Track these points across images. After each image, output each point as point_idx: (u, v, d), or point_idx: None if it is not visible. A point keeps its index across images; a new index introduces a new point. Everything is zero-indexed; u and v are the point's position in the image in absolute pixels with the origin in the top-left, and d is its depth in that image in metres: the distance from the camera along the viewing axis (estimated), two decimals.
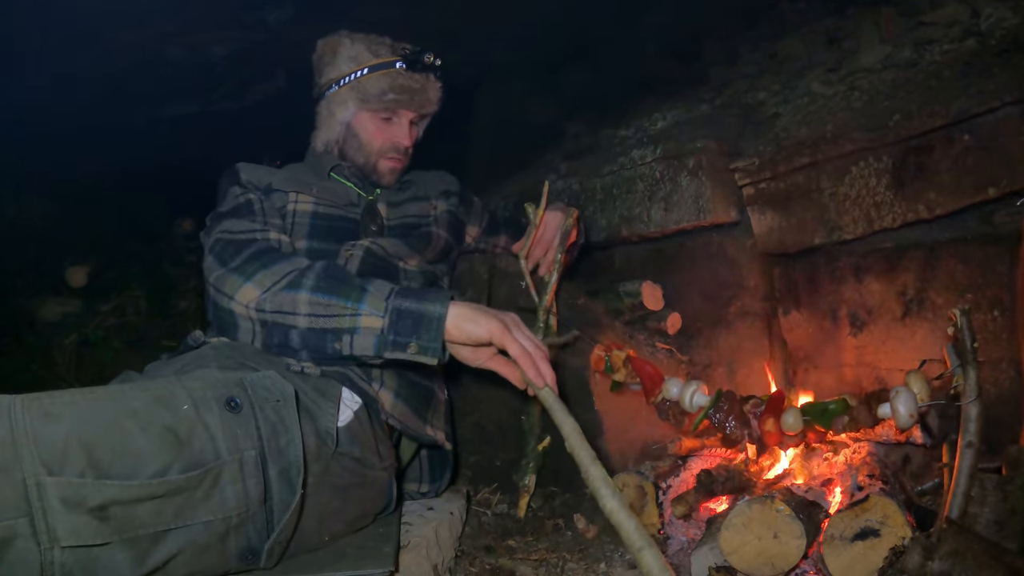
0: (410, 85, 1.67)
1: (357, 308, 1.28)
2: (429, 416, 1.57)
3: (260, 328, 1.37)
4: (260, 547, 1.11)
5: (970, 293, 1.56)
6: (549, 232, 1.80)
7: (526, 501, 1.71)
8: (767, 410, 1.47)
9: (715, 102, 2.31)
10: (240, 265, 1.39)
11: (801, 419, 1.43)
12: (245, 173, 1.63)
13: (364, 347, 1.28)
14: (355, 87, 1.67)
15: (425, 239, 1.74)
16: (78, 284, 3.02)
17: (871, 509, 1.22)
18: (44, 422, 0.93)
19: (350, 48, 1.68)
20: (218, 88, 3.18)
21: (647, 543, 0.97)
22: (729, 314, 2.01)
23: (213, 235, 1.48)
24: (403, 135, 1.71)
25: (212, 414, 1.06)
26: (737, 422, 1.49)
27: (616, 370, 1.67)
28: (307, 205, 1.64)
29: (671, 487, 1.61)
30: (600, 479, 1.05)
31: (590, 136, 2.65)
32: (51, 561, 0.91)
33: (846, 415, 1.39)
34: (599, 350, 1.71)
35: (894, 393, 1.29)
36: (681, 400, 1.55)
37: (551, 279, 1.74)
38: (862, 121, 1.65)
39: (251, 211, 1.55)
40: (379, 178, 1.74)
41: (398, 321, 1.26)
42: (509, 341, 1.24)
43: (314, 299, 1.30)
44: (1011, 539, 1.16)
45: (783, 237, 1.83)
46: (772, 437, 1.47)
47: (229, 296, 1.37)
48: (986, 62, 1.54)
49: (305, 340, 1.32)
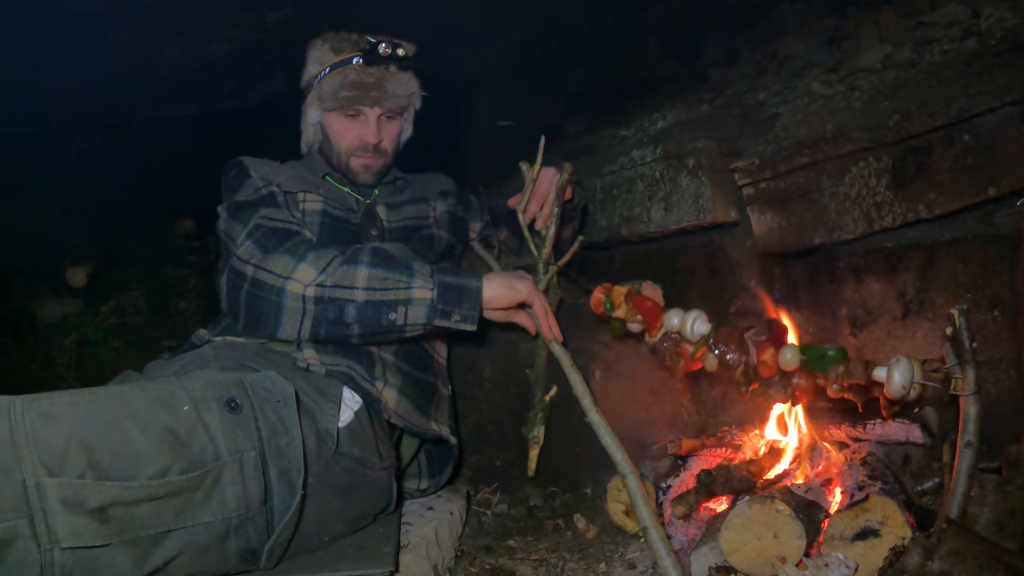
0: (363, 80, 1.64)
1: (410, 281, 1.40)
2: (432, 411, 1.57)
3: (313, 306, 1.38)
4: (260, 548, 1.11)
5: (970, 293, 1.56)
6: (543, 187, 1.79)
7: (536, 453, 1.68)
8: (768, 340, 1.45)
9: (715, 102, 2.30)
10: (291, 248, 1.42)
11: (799, 357, 1.41)
12: (254, 169, 1.62)
13: (416, 316, 1.40)
14: (317, 88, 1.67)
15: (427, 241, 1.74)
16: (78, 284, 3.02)
17: (871, 509, 1.22)
18: (44, 423, 0.93)
19: (318, 49, 1.69)
20: (217, 88, 3.18)
21: (629, 471, 1.31)
22: (729, 314, 2.01)
23: (251, 221, 1.48)
24: (370, 132, 1.68)
25: (212, 415, 1.06)
26: (736, 349, 1.47)
27: (617, 307, 1.65)
28: (316, 204, 1.64)
29: (671, 487, 1.61)
30: (598, 423, 1.37)
31: (590, 136, 2.65)
32: (51, 562, 0.91)
33: (842, 365, 1.37)
34: (599, 292, 1.69)
35: (893, 360, 1.29)
36: (683, 328, 1.52)
37: (548, 232, 1.74)
38: (862, 121, 1.64)
39: (276, 203, 1.55)
40: (355, 177, 1.73)
41: (444, 293, 1.41)
42: (537, 298, 1.54)
43: (372, 273, 1.40)
44: (1011, 539, 1.16)
45: (783, 237, 1.83)
46: (768, 369, 1.44)
47: (283, 276, 1.38)
48: (986, 62, 1.54)
49: (361, 313, 1.38)
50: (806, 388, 1.44)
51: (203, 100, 3.24)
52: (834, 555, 1.21)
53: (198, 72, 2.94)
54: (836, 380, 1.38)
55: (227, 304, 1.49)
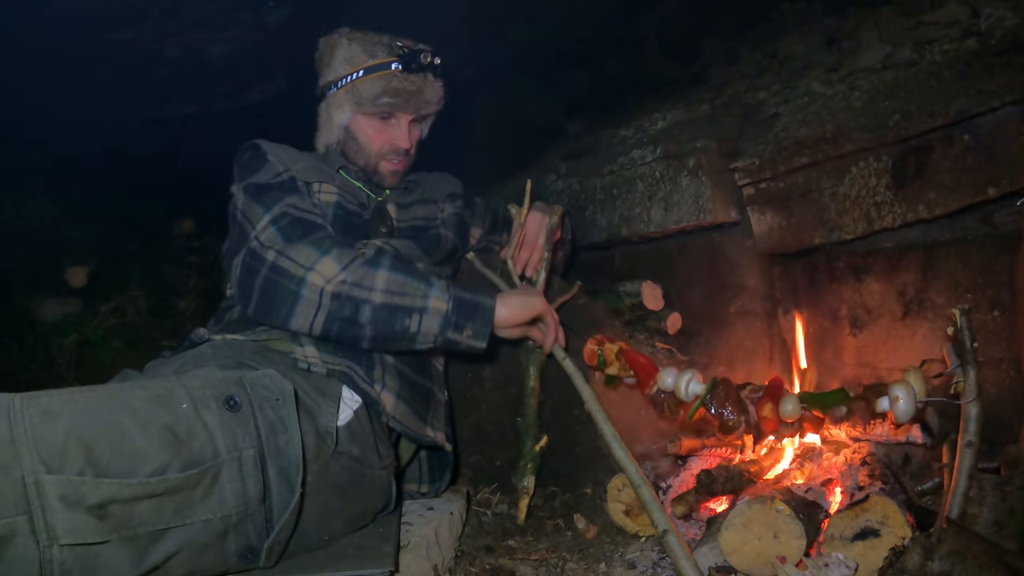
0: (405, 87, 1.64)
1: (428, 291, 1.41)
2: (429, 417, 1.56)
3: (329, 302, 1.37)
4: (260, 546, 1.11)
5: (970, 293, 1.56)
6: (532, 234, 1.81)
7: (526, 503, 1.69)
8: (765, 396, 1.45)
9: (715, 102, 2.30)
10: (316, 240, 1.42)
11: (799, 407, 1.41)
12: (272, 153, 1.60)
13: (430, 326, 1.41)
14: (351, 90, 1.65)
15: (434, 241, 1.74)
16: (78, 284, 3.02)
17: (871, 509, 1.22)
18: (43, 420, 0.93)
19: (347, 49, 1.66)
20: (217, 88, 3.17)
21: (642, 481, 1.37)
22: (729, 314, 2.01)
23: (276, 208, 1.46)
24: (402, 137, 1.69)
25: (211, 413, 1.06)
26: (734, 408, 1.46)
27: (609, 364, 1.66)
28: (331, 196, 1.62)
29: (671, 487, 1.61)
30: (611, 436, 1.45)
31: (590, 136, 2.65)
32: (50, 559, 0.91)
33: (844, 405, 1.37)
34: (591, 344, 1.70)
35: (895, 388, 1.28)
36: (676, 389, 1.52)
37: (539, 277, 1.76)
38: (862, 121, 1.64)
39: (299, 191, 1.54)
40: (381, 180, 1.73)
41: (459, 307, 1.42)
42: (549, 313, 1.59)
43: (392, 277, 1.40)
44: (1010, 539, 1.16)
45: (783, 237, 1.83)
46: (769, 424, 1.44)
47: (305, 266, 1.38)
48: (986, 62, 1.54)
49: (376, 315, 1.38)
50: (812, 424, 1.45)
51: (203, 100, 3.23)
52: (834, 555, 1.21)
53: (198, 72, 2.94)
54: (841, 421, 1.39)
55: (239, 286, 1.45)
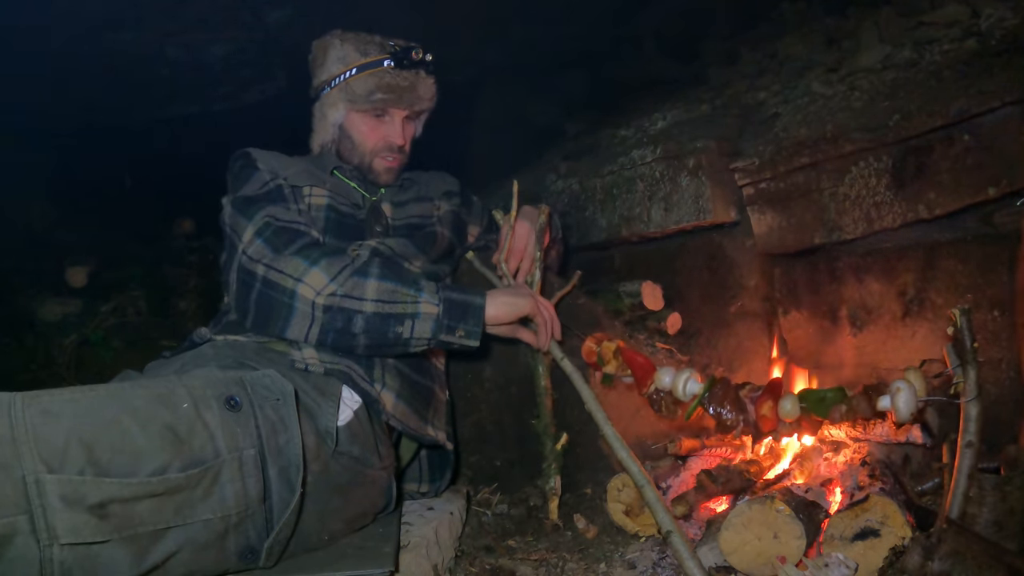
0: (398, 83, 1.65)
1: (418, 296, 1.42)
2: (430, 416, 1.56)
3: (321, 314, 1.38)
4: (260, 546, 1.11)
5: (970, 293, 1.56)
6: (521, 240, 1.78)
7: (556, 504, 1.68)
8: (764, 395, 1.44)
9: (715, 102, 2.30)
10: (301, 250, 1.42)
11: (798, 406, 1.40)
12: (261, 161, 1.60)
13: (423, 331, 1.41)
14: (344, 88, 1.66)
15: (430, 239, 1.74)
16: (78, 284, 3.02)
17: (871, 509, 1.22)
18: (44, 420, 0.93)
19: (339, 49, 1.68)
20: (217, 88, 3.18)
21: (646, 481, 1.34)
22: (729, 314, 2.01)
23: (258, 219, 1.46)
24: (396, 134, 1.69)
25: (212, 412, 1.06)
26: (732, 408, 1.45)
27: (607, 362, 1.65)
28: (322, 199, 1.62)
29: (671, 487, 1.61)
30: (613, 436, 1.42)
31: (590, 136, 2.65)
32: (51, 558, 0.91)
33: (843, 404, 1.36)
34: (590, 342, 1.70)
35: (896, 388, 1.28)
36: (674, 389, 1.51)
37: (533, 279, 1.75)
38: (862, 121, 1.64)
39: (284, 199, 1.54)
40: (376, 177, 1.73)
41: (450, 309, 1.42)
42: (540, 311, 1.56)
43: (382, 285, 1.40)
44: (1010, 539, 1.16)
45: (783, 237, 1.83)
46: (768, 423, 1.43)
47: (294, 278, 1.38)
48: (986, 62, 1.54)
49: (368, 324, 1.39)
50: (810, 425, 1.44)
51: (203, 100, 3.24)
52: (834, 555, 1.21)
53: (198, 72, 2.94)
54: (840, 420, 1.38)
55: (236, 301, 1.47)
